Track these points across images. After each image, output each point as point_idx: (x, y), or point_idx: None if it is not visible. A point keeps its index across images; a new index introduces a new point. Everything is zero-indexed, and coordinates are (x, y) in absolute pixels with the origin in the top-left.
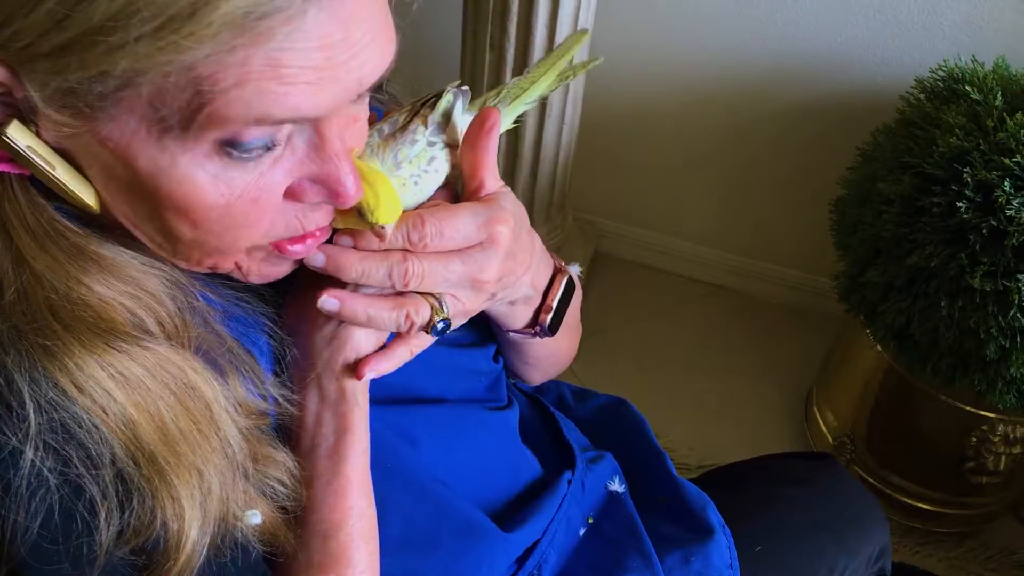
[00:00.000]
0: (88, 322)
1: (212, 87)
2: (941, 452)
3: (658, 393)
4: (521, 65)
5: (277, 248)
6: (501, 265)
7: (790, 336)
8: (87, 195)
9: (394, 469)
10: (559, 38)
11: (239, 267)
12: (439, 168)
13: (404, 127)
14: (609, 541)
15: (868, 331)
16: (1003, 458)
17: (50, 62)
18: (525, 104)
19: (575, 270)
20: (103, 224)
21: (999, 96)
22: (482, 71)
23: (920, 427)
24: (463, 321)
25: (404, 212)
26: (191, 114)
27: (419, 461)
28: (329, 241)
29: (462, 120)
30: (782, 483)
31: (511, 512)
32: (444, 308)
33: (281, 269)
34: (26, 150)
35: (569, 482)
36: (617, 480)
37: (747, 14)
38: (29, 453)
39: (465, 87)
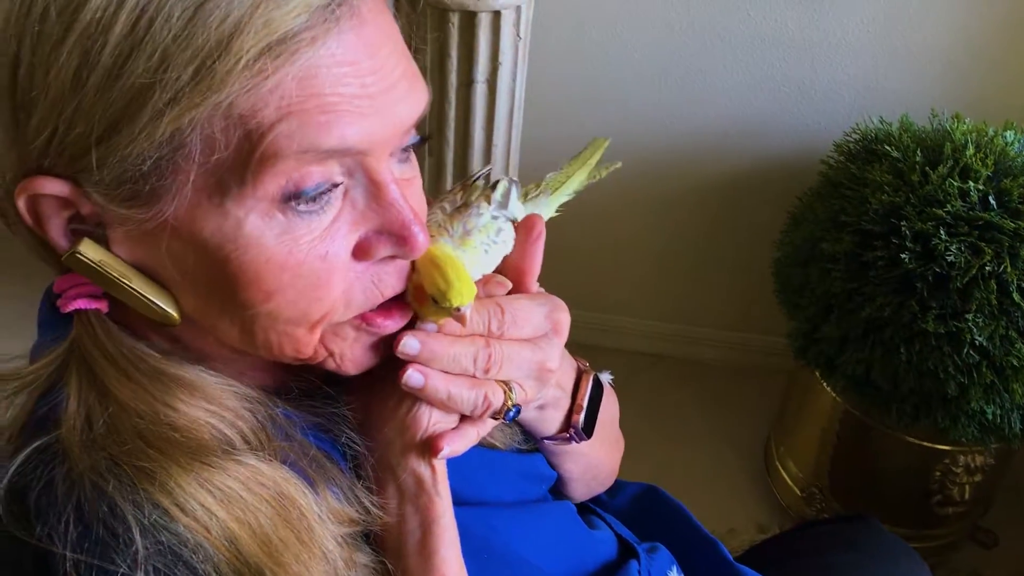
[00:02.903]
0: (179, 443)
1: (258, 126)
2: (906, 488)
3: (620, 470)
4: (461, 169)
5: (365, 321)
6: (561, 355)
7: (736, 396)
8: (166, 303)
9: (490, 558)
10: (496, 140)
11: (331, 353)
12: (506, 240)
13: (466, 204)
14: None
15: (826, 383)
16: (967, 487)
17: (103, 147)
18: (564, 195)
19: (606, 377)
20: (176, 349)
21: (918, 153)
22: (423, 177)
23: (883, 467)
24: (525, 410)
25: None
26: (244, 161)
27: (508, 547)
28: (411, 324)
29: (518, 205)
30: (831, 551)
31: None
32: (514, 394)
33: (375, 355)
34: (100, 265)
35: (639, 572)
36: (675, 570)
37: (659, 96)
38: None
39: (515, 178)
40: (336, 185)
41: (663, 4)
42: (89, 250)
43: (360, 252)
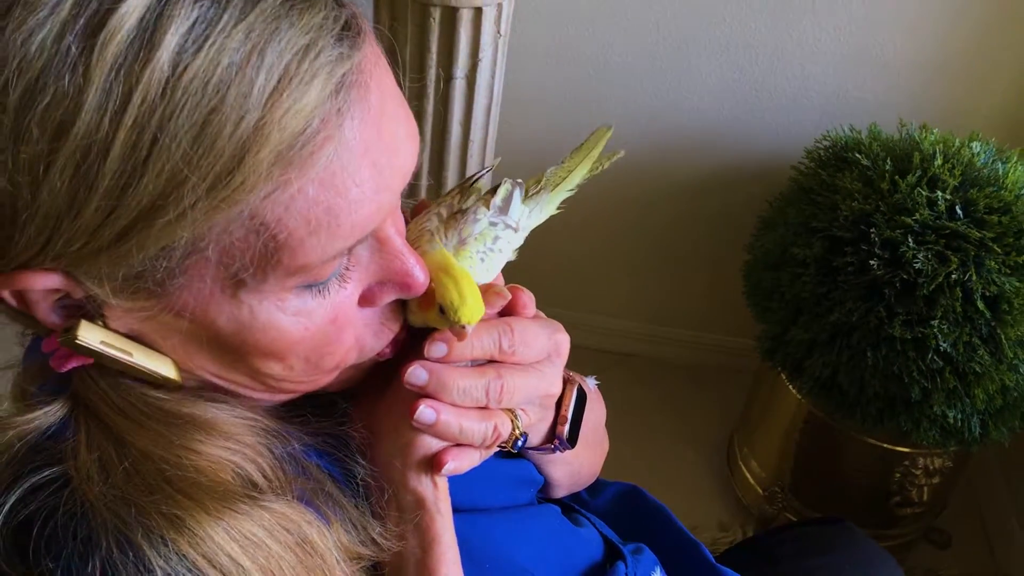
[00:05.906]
0: (206, 487)
1: (285, 237)
2: (866, 489)
3: None
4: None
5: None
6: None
7: (700, 395)
8: (166, 369)
9: (492, 568)
10: (473, 136)
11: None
12: (503, 248)
13: (462, 209)
14: None
15: (791, 385)
16: (925, 489)
17: (110, 254)
18: (566, 191)
19: (592, 383)
20: (185, 386)
21: (888, 161)
22: None
23: (845, 468)
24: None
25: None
26: (266, 264)
27: (506, 553)
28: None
29: (520, 209)
30: (808, 554)
31: None
32: (520, 421)
33: (358, 372)
34: (101, 347)
35: (626, 575)
36: (659, 571)
37: (633, 97)
38: None
39: (520, 180)
40: (348, 266)
41: (640, 5)
42: (88, 333)
43: (365, 301)
